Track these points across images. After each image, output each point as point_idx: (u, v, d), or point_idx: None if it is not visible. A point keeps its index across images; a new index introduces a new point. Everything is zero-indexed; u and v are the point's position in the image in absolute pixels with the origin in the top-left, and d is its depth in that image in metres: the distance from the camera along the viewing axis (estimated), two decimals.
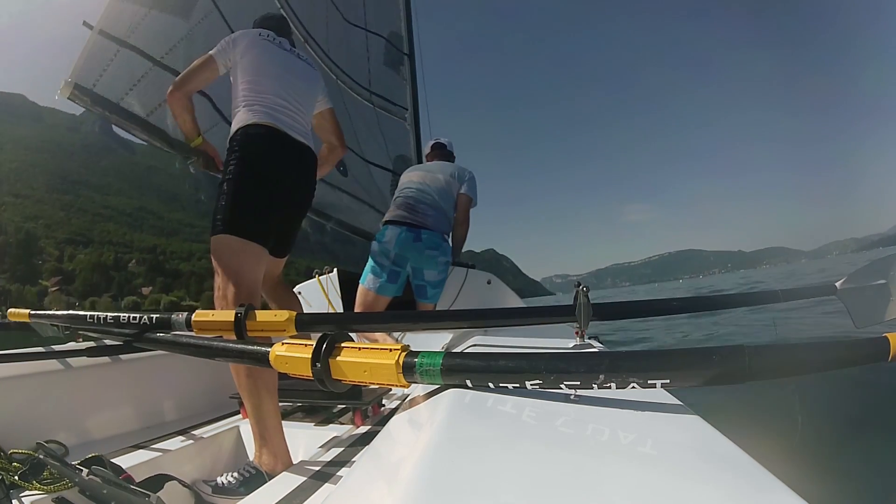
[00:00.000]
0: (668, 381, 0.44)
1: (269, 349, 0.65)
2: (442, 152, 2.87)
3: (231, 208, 1.33)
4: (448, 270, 2.50)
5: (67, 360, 1.33)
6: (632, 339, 6.71)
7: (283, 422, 1.37)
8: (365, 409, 1.45)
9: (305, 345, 0.61)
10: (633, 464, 0.36)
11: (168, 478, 1.00)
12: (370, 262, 2.42)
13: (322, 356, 0.57)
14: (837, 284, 1.12)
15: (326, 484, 0.94)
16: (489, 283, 2.82)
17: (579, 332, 0.94)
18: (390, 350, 0.54)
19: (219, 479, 1.13)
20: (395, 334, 2.12)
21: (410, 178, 2.63)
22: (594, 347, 0.93)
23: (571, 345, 0.91)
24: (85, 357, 1.36)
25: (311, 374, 0.58)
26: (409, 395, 0.67)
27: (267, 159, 1.42)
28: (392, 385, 0.53)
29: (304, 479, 0.97)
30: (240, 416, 1.54)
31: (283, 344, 0.64)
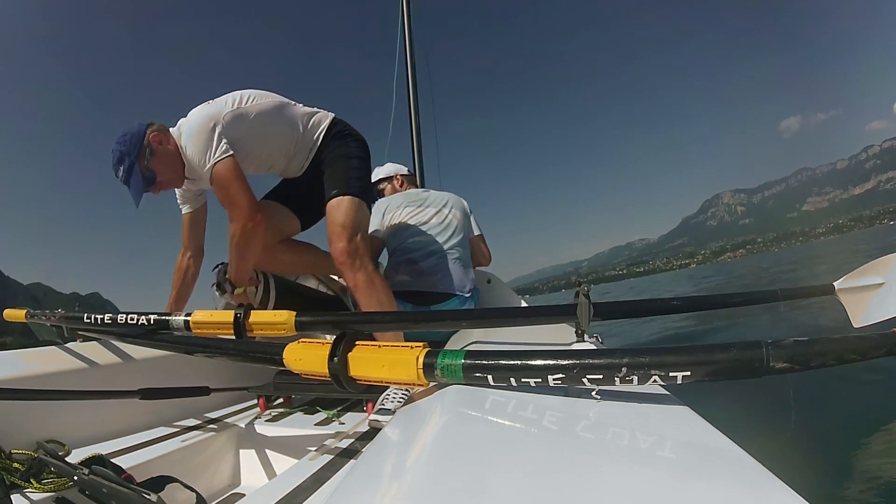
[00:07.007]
0: (688, 374, 0.45)
1: (282, 347, 0.64)
2: (413, 180, 2.64)
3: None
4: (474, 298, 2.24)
5: (69, 360, 1.32)
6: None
7: (283, 420, 1.42)
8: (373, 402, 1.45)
9: (322, 343, 0.60)
10: (652, 466, 0.37)
11: (170, 479, 0.99)
12: None
13: (340, 353, 0.56)
14: (836, 284, 1.15)
15: (327, 483, 0.94)
16: (489, 282, 2.76)
17: (579, 332, 0.94)
18: (411, 347, 0.54)
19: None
20: None
21: (405, 219, 2.16)
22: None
23: (573, 344, 0.91)
24: (87, 357, 1.35)
25: (326, 372, 0.58)
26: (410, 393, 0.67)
27: None
28: (412, 384, 0.53)
29: (305, 478, 0.96)
30: (240, 416, 1.52)
31: (298, 342, 0.63)
